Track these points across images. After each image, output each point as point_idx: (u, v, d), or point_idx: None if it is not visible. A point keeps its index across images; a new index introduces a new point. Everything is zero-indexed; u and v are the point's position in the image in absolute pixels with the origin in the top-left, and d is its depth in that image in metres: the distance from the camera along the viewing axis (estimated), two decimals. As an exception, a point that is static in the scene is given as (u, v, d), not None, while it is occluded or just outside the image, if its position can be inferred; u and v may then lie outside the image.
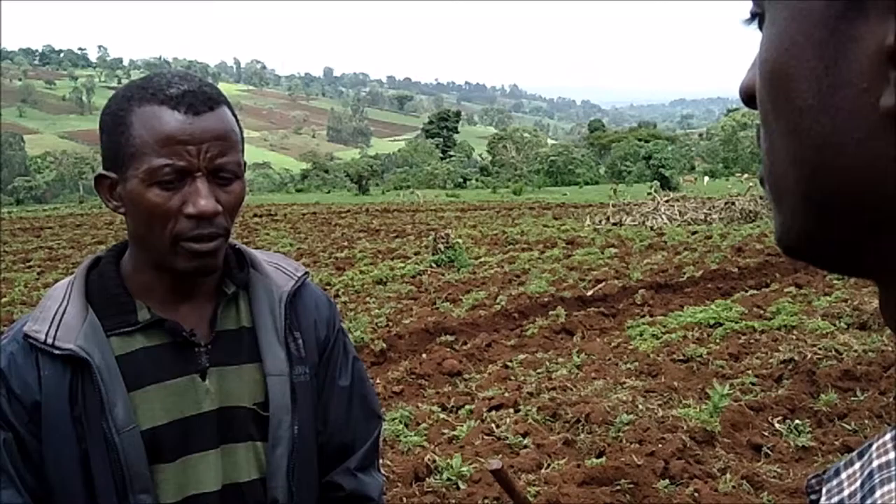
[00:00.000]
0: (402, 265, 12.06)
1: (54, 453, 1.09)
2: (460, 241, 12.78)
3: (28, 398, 1.09)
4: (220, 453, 1.16)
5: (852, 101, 0.32)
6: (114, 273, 1.17)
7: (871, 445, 0.40)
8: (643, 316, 7.99)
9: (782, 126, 0.36)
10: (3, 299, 10.00)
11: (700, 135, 79.66)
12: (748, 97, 0.40)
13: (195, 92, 1.08)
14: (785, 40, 0.35)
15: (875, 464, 0.38)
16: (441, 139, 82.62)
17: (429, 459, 4.24)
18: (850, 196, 0.34)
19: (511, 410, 5.12)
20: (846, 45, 0.32)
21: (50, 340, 1.09)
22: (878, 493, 0.37)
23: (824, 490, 0.42)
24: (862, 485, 0.38)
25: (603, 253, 12.77)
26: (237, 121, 1.15)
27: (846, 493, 0.40)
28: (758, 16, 0.39)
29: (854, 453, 0.41)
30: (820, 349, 5.93)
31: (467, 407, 5.28)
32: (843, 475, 0.41)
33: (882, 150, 0.32)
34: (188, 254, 1.10)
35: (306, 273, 1.30)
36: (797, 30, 0.34)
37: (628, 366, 6.06)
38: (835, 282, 8.72)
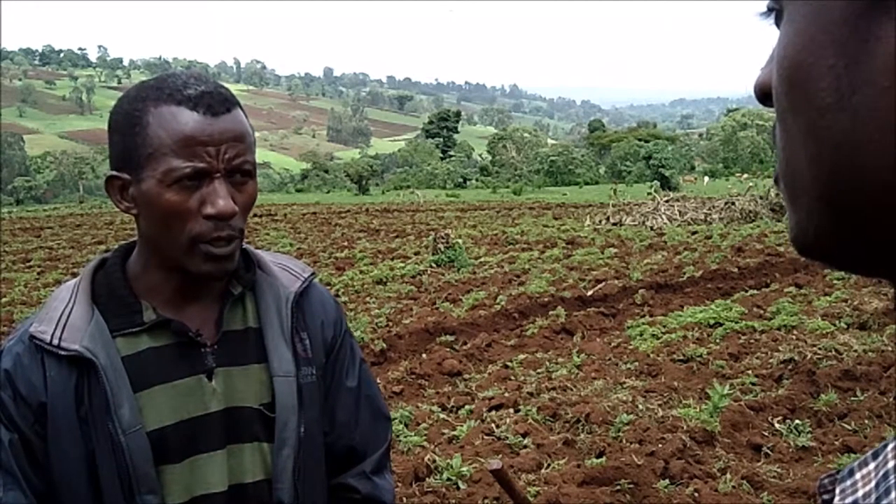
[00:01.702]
0: (402, 265, 12.05)
1: (60, 454, 1.09)
2: (460, 241, 12.77)
3: (34, 399, 1.08)
4: (226, 454, 1.16)
5: (873, 100, 0.32)
6: (120, 274, 1.17)
7: (885, 446, 0.39)
8: (643, 316, 7.99)
9: (800, 124, 0.36)
10: (3, 299, 9.99)
11: (700, 135, 79.67)
12: (763, 94, 0.40)
13: (212, 93, 1.08)
14: (804, 38, 0.35)
15: (891, 465, 0.38)
16: (441, 139, 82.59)
17: (429, 459, 4.24)
18: (869, 195, 0.34)
19: (511, 410, 5.12)
20: (867, 43, 0.32)
21: (56, 341, 1.09)
22: (893, 495, 0.36)
23: (838, 490, 0.41)
24: (877, 485, 0.38)
25: (603, 253, 12.76)
26: (248, 122, 1.15)
27: (860, 493, 0.39)
28: (775, 11, 0.39)
29: (869, 454, 0.41)
30: (820, 349, 5.93)
31: (467, 407, 5.28)
32: (858, 475, 0.40)
33: None
34: (206, 257, 1.09)
35: (313, 274, 1.30)
36: (817, 27, 0.34)
37: (628, 366, 6.06)
38: (835, 282, 8.72)
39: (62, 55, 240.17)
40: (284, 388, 1.18)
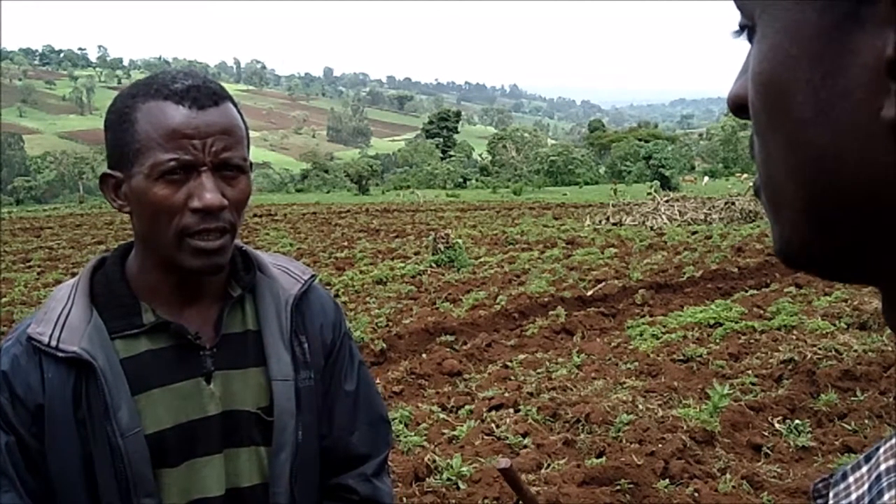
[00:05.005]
0: (402, 265, 12.05)
1: (57, 456, 1.08)
2: (460, 241, 12.78)
3: (31, 401, 1.08)
4: (223, 457, 1.16)
5: (851, 113, 0.32)
6: (119, 274, 1.16)
7: (878, 449, 0.39)
8: (643, 316, 7.99)
9: (779, 138, 0.36)
10: (3, 299, 9.99)
11: (700, 135, 79.58)
12: (737, 107, 0.39)
13: (199, 87, 1.08)
14: (779, 53, 0.35)
15: (882, 467, 0.38)
16: (441, 139, 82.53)
17: (429, 459, 4.24)
18: (851, 206, 0.34)
19: (511, 410, 5.12)
20: (843, 56, 0.32)
21: (54, 343, 1.08)
22: (886, 497, 0.37)
23: (832, 494, 0.42)
24: (870, 488, 0.38)
25: (603, 253, 12.76)
26: (242, 118, 1.14)
27: (854, 496, 0.40)
28: (747, 28, 0.38)
29: (861, 457, 0.41)
30: (820, 349, 5.93)
31: (467, 407, 5.28)
32: (851, 479, 0.40)
33: (882, 160, 0.32)
34: (194, 251, 1.08)
35: (313, 276, 1.29)
36: (791, 42, 0.34)
37: (628, 366, 6.06)
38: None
39: (62, 55, 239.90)
40: (282, 392, 1.17)
